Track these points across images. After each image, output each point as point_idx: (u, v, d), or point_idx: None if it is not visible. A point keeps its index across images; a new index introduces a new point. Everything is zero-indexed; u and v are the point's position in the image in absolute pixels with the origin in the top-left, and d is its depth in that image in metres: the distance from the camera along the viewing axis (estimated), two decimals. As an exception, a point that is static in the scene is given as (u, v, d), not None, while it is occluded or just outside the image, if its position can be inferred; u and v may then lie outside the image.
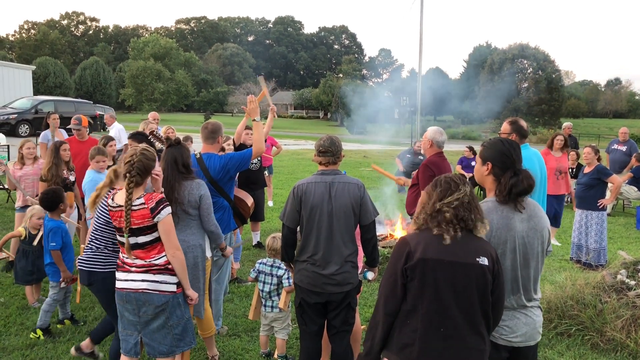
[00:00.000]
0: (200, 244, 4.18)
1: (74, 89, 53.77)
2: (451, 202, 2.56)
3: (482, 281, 2.52)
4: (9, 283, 6.22)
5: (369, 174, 16.00)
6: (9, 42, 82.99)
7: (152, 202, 3.42)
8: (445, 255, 2.51)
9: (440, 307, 2.51)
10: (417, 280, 2.52)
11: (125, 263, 3.53)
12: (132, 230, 3.43)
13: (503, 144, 2.92)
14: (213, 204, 4.54)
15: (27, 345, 4.73)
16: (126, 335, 3.62)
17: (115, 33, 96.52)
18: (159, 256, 3.49)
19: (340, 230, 3.74)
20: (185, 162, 4.12)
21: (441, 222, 2.55)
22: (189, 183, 4.08)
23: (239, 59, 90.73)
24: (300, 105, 78.47)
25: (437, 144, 5.40)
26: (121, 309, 3.59)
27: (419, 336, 2.52)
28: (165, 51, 64.48)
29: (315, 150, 3.90)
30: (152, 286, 3.47)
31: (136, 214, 3.41)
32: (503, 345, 2.82)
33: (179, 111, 63.80)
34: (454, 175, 2.69)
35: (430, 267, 2.51)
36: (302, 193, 3.77)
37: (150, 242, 3.47)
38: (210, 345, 4.52)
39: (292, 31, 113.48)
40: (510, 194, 2.79)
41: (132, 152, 3.51)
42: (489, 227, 2.70)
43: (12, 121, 24.60)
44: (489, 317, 2.57)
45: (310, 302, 3.82)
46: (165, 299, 3.49)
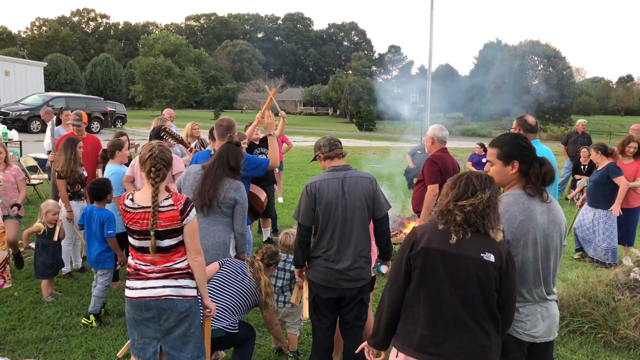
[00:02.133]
0: (225, 241, 4.23)
1: (84, 85, 54.05)
2: (464, 206, 2.54)
3: (485, 276, 2.49)
4: (22, 277, 6.27)
5: (378, 170, 15.98)
6: (20, 39, 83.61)
7: (180, 204, 3.21)
8: (449, 247, 2.52)
9: (440, 297, 2.52)
10: (419, 268, 2.56)
11: (140, 270, 3.27)
12: (157, 233, 3.18)
13: (520, 138, 2.91)
14: None
15: (41, 339, 4.78)
16: (144, 344, 3.35)
17: (126, 30, 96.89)
18: (181, 259, 3.29)
19: (355, 225, 3.76)
20: (237, 161, 4.23)
21: (450, 222, 2.55)
22: (230, 181, 4.21)
23: (249, 56, 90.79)
24: (309, 102, 78.56)
25: (438, 140, 5.40)
26: (138, 318, 3.30)
27: (420, 324, 2.55)
28: (175, 48, 64.60)
29: (324, 149, 3.92)
30: (175, 292, 3.24)
31: (164, 215, 3.17)
32: (526, 341, 2.81)
33: (188, 108, 64.03)
34: (481, 177, 2.62)
35: (432, 257, 2.53)
36: (315, 190, 3.78)
37: (174, 245, 3.24)
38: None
39: (302, 28, 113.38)
40: (544, 182, 2.79)
41: (149, 147, 3.30)
42: (512, 219, 2.71)
43: (24, 117, 24.84)
44: (495, 315, 2.54)
45: (324, 298, 3.83)
46: (189, 304, 3.28)
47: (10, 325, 5.03)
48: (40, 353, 4.54)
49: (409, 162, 13.62)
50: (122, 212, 3.29)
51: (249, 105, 63.23)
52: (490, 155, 2.93)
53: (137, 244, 3.26)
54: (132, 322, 3.35)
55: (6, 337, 4.79)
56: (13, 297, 5.68)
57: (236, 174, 4.29)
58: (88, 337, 4.81)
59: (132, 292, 3.28)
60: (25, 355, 4.46)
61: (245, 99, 62.34)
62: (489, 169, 2.93)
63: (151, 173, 3.20)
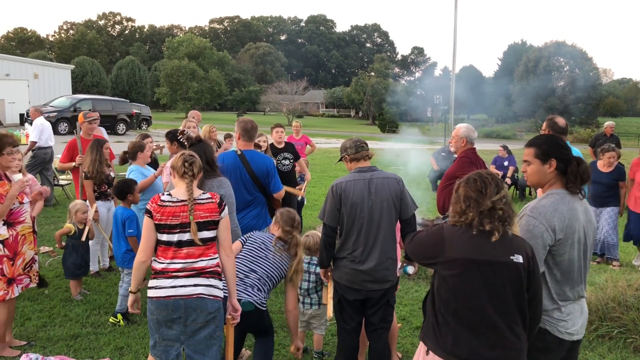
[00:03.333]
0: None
1: (110, 87, 54.83)
2: (501, 199, 2.56)
3: (517, 279, 2.52)
4: (52, 276, 6.40)
5: (401, 172, 15.90)
6: (48, 43, 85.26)
7: (217, 198, 3.37)
8: (480, 254, 2.52)
9: (473, 306, 2.52)
10: (454, 278, 2.54)
11: (168, 269, 3.26)
12: (198, 224, 3.25)
13: (555, 137, 2.92)
14: (252, 200, 4.61)
15: (70, 336, 4.87)
16: (165, 346, 3.29)
17: (151, 33, 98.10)
18: (214, 256, 3.34)
19: (381, 226, 3.76)
20: (209, 158, 4.15)
21: (494, 220, 2.54)
22: (211, 180, 4.14)
23: (271, 58, 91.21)
24: (331, 104, 78.57)
25: (470, 141, 5.38)
26: (162, 319, 3.24)
27: (452, 328, 2.56)
28: (199, 50, 65.22)
29: (350, 150, 3.91)
30: (207, 291, 3.24)
31: (204, 207, 3.29)
32: (567, 340, 2.80)
33: (212, 110, 64.54)
34: (493, 174, 2.69)
35: (465, 267, 2.52)
36: (341, 191, 3.78)
37: (211, 239, 3.32)
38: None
39: (324, 30, 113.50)
40: (582, 181, 2.79)
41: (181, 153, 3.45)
42: (562, 217, 2.72)
43: (52, 119, 25.24)
44: (525, 315, 2.56)
45: (349, 299, 3.84)
46: (218, 305, 3.29)
47: (41, 322, 5.14)
48: (70, 350, 4.63)
49: (433, 164, 13.54)
50: (158, 209, 3.25)
51: (271, 107, 63.45)
52: (527, 155, 2.93)
53: (176, 239, 3.25)
54: (154, 323, 3.30)
55: (38, 334, 4.90)
56: (44, 295, 5.80)
57: (213, 170, 4.19)
58: (116, 335, 4.89)
59: (159, 291, 3.24)
60: (55, 352, 4.56)
61: (268, 101, 62.50)
62: (526, 169, 2.94)
63: (184, 168, 3.31)
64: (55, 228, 8.48)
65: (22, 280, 4.56)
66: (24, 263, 4.56)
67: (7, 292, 4.44)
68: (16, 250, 4.47)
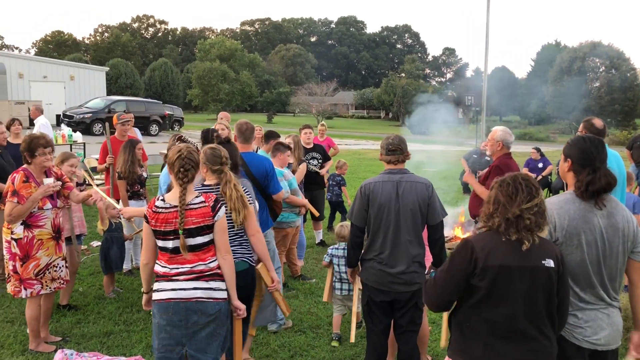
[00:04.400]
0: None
1: (143, 89, 55.68)
2: (531, 208, 2.51)
3: (548, 284, 2.51)
4: (86, 274, 6.55)
5: (431, 174, 15.78)
6: (84, 45, 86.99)
7: (211, 201, 3.29)
8: (512, 260, 2.49)
9: (506, 313, 2.50)
10: (484, 287, 2.51)
11: (168, 273, 3.28)
12: (189, 230, 3.22)
13: (584, 141, 2.88)
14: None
15: (104, 333, 4.98)
16: (167, 352, 3.30)
17: (183, 35, 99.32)
18: (212, 259, 3.33)
19: (407, 230, 3.73)
20: (235, 160, 4.09)
21: (521, 229, 2.50)
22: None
23: (301, 60, 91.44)
24: (361, 105, 78.34)
25: (507, 145, 5.31)
26: (162, 322, 3.27)
27: (483, 340, 2.53)
28: (230, 52, 65.77)
29: (383, 150, 3.88)
30: (206, 294, 3.26)
31: (196, 212, 3.24)
32: (586, 347, 2.75)
33: (242, 111, 64.98)
34: (527, 177, 2.64)
35: (498, 274, 2.49)
36: (369, 192, 3.78)
37: (206, 243, 3.30)
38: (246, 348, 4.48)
39: (355, 31, 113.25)
40: (587, 191, 2.75)
41: (177, 149, 3.32)
42: (565, 217, 2.70)
43: (87, 120, 25.87)
44: (553, 318, 2.56)
45: (377, 301, 3.83)
46: (219, 307, 3.30)
47: (75, 319, 5.26)
48: (103, 347, 4.73)
49: (464, 166, 13.34)
50: (152, 215, 3.27)
51: (301, 109, 63.63)
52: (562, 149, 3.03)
53: (171, 245, 3.26)
54: (156, 327, 3.32)
55: (72, 330, 5.02)
56: (78, 292, 5.94)
57: (237, 173, 4.07)
58: (148, 332, 4.97)
59: (161, 294, 3.28)
60: (89, 348, 4.66)
61: (298, 102, 62.65)
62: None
63: (179, 174, 3.24)
64: (89, 227, 8.67)
65: (32, 285, 4.53)
66: (36, 268, 4.53)
67: (20, 290, 4.51)
68: (29, 252, 4.50)
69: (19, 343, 4.74)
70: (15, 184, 4.40)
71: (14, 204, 4.37)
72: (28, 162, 4.55)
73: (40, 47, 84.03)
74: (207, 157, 3.66)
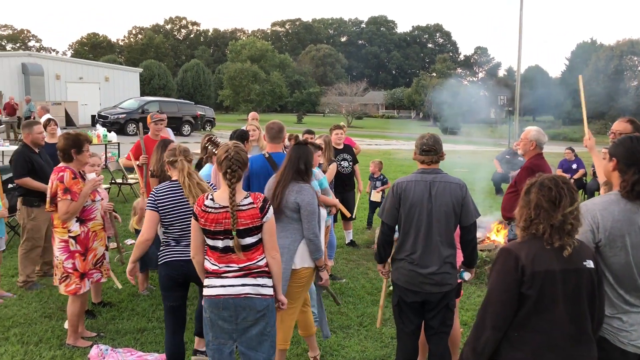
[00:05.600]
0: (289, 248, 4.02)
1: (176, 90, 56.50)
2: (572, 212, 2.48)
3: (590, 285, 2.49)
4: (121, 271, 6.65)
5: (465, 175, 15.60)
6: (118, 47, 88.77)
7: (259, 202, 3.31)
8: (557, 264, 2.46)
9: (552, 319, 2.46)
10: (533, 294, 2.46)
11: (218, 271, 3.34)
12: (238, 231, 3.25)
13: (632, 141, 2.82)
14: None
15: (137, 330, 5.07)
16: (219, 345, 3.39)
17: (215, 36, 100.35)
18: (261, 257, 3.37)
19: (440, 230, 3.70)
20: (308, 162, 4.10)
21: (563, 235, 2.47)
22: (293, 184, 4.03)
23: (332, 60, 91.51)
24: (391, 105, 78.00)
25: (540, 145, 5.25)
26: (214, 318, 3.35)
27: (531, 349, 2.48)
28: (261, 53, 66.30)
29: (417, 149, 3.85)
30: (254, 290, 3.31)
31: (245, 214, 3.26)
32: (631, 352, 2.70)
33: (273, 112, 65.35)
34: (566, 180, 2.59)
35: (546, 280, 2.45)
36: (401, 191, 3.76)
37: (255, 243, 3.33)
38: (311, 345, 4.55)
39: (385, 31, 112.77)
40: (632, 191, 2.70)
41: (225, 148, 3.35)
42: (609, 218, 2.66)
43: (121, 120, 26.36)
44: (593, 319, 2.54)
45: (408, 301, 3.81)
46: (266, 303, 3.35)
47: (110, 315, 5.37)
48: (137, 343, 4.81)
49: (497, 166, 13.22)
50: (202, 214, 3.30)
51: (331, 109, 63.64)
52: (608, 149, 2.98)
53: (222, 245, 3.31)
54: (208, 321, 3.40)
55: (107, 326, 5.12)
56: (112, 289, 6.05)
57: (306, 176, 4.09)
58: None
59: (211, 290, 3.34)
60: (124, 344, 4.75)
61: (328, 102, 62.68)
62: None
63: (227, 174, 3.26)
64: (123, 225, 8.83)
65: (92, 275, 4.80)
66: (94, 258, 4.80)
67: (80, 287, 4.69)
68: (87, 245, 4.72)
69: (57, 338, 4.86)
70: (66, 182, 4.53)
71: (68, 202, 4.51)
72: (71, 158, 4.67)
73: (76, 49, 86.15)
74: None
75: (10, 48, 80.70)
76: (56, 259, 4.67)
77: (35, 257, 6.16)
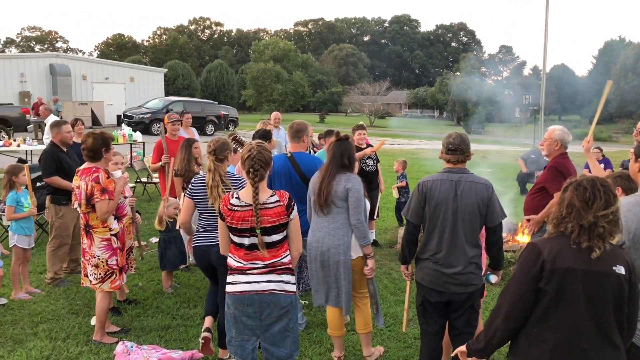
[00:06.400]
0: (345, 241, 4.16)
1: (199, 90, 57.02)
2: (607, 216, 2.42)
3: (618, 291, 2.40)
4: (146, 269, 6.75)
5: (488, 174, 15.44)
6: (143, 47, 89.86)
7: (285, 199, 3.37)
8: (581, 264, 2.40)
9: (573, 319, 2.40)
10: (551, 290, 2.42)
11: (242, 268, 3.39)
12: (265, 229, 3.31)
13: None
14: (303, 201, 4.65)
15: (162, 327, 5.12)
16: (242, 341, 3.45)
17: (238, 37, 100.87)
18: (285, 254, 3.43)
19: (465, 230, 3.66)
20: (351, 156, 4.24)
21: (593, 237, 2.41)
22: (340, 175, 4.17)
23: (354, 59, 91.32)
24: (414, 104, 77.53)
25: (564, 145, 5.21)
26: (237, 314, 3.41)
27: (549, 347, 2.43)
28: (284, 53, 66.39)
29: (443, 148, 3.81)
30: (279, 286, 3.36)
31: (272, 211, 3.32)
32: None
33: (295, 111, 65.49)
34: (606, 182, 2.53)
35: (571, 278, 2.40)
36: (427, 190, 3.73)
37: (280, 240, 3.39)
38: (366, 343, 4.53)
39: (408, 30, 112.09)
40: None
41: (249, 148, 3.43)
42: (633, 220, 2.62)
43: (146, 120, 26.69)
44: (623, 327, 2.45)
45: (432, 301, 3.78)
46: (290, 299, 3.39)
47: (135, 312, 5.44)
48: (162, 340, 4.86)
49: (522, 166, 13.06)
50: (228, 213, 3.36)
51: (353, 108, 63.51)
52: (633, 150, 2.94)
53: (248, 242, 3.36)
54: (231, 318, 3.45)
55: (132, 323, 5.19)
56: (138, 287, 6.13)
57: (350, 170, 4.23)
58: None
59: (235, 286, 3.39)
60: (148, 341, 4.80)
61: (350, 102, 62.55)
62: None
63: (250, 173, 3.33)
64: (148, 224, 8.93)
65: (126, 270, 5.01)
66: (126, 252, 5.01)
67: (120, 281, 4.88)
68: (123, 241, 4.91)
69: (83, 334, 4.93)
70: (102, 182, 4.62)
71: (107, 201, 4.61)
72: (100, 157, 4.74)
73: (102, 49, 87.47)
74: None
75: (38, 49, 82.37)
76: (97, 258, 4.72)
77: (63, 255, 6.26)
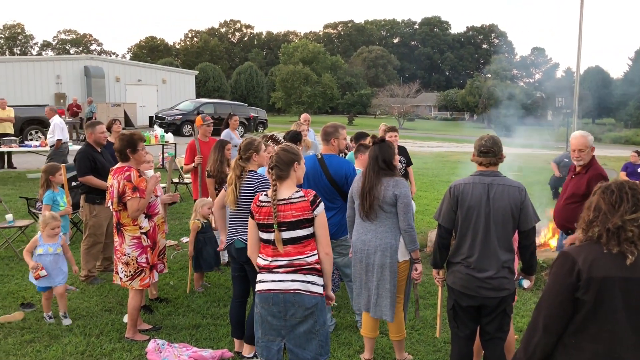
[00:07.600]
0: (392, 244, 4.17)
1: (230, 92, 57.55)
2: (635, 220, 2.34)
3: None
4: (176, 268, 6.84)
5: (519, 178, 15.22)
6: (175, 50, 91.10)
7: (310, 196, 3.44)
8: (618, 271, 2.32)
9: (612, 328, 2.33)
10: (589, 300, 2.35)
11: (269, 266, 3.45)
12: (290, 223, 3.38)
13: None
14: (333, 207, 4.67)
15: (192, 326, 5.18)
16: (267, 342, 3.48)
17: (268, 39, 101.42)
18: (312, 252, 3.44)
19: (497, 234, 3.61)
20: (387, 158, 4.22)
21: (622, 241, 2.34)
22: (387, 180, 4.16)
23: (384, 61, 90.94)
24: (444, 107, 76.89)
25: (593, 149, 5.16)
26: (264, 313, 3.45)
27: (587, 357, 2.37)
28: (313, 55, 66.46)
29: (475, 150, 3.77)
30: (303, 286, 3.37)
31: (296, 206, 3.40)
32: None
33: (324, 113, 65.57)
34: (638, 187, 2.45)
35: (609, 286, 2.33)
36: (459, 193, 3.69)
37: (306, 236, 3.42)
38: (399, 349, 4.51)
39: (439, 32, 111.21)
40: None
41: (276, 148, 3.65)
42: None
43: (177, 122, 27.07)
44: None
45: (463, 305, 3.74)
46: (315, 301, 3.39)
47: (166, 311, 5.52)
48: (192, 339, 4.93)
49: (555, 170, 12.83)
50: (256, 209, 3.49)
51: (382, 110, 63.25)
52: None
53: (273, 237, 3.43)
54: (259, 318, 3.49)
55: (164, 322, 5.26)
56: (169, 286, 6.22)
57: (392, 170, 4.23)
58: (234, 327, 5.12)
59: (262, 285, 3.45)
60: (179, 340, 4.87)
61: (379, 104, 62.28)
62: None
63: (270, 172, 3.51)
64: (179, 224, 9.06)
65: (157, 267, 5.05)
66: (158, 250, 5.04)
67: (150, 279, 4.93)
68: (155, 239, 4.96)
69: (116, 331, 5.03)
70: (134, 181, 4.72)
71: (138, 199, 4.70)
72: (127, 158, 4.83)
73: (135, 52, 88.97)
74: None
75: (73, 52, 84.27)
76: (127, 256, 4.80)
77: (97, 253, 6.40)
